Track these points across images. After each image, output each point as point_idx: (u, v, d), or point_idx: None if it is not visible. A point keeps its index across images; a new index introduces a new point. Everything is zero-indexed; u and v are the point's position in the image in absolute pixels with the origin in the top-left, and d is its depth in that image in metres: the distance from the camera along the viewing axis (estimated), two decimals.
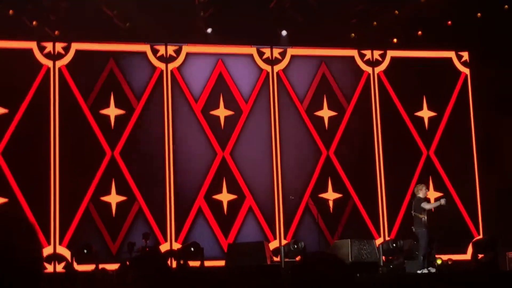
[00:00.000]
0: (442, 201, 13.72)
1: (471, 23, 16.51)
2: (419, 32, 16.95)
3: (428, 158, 16.69)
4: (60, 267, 14.46)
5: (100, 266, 13.73)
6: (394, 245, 14.50)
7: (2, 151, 14.77)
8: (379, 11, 16.64)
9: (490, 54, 16.60)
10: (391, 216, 16.31)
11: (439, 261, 14.66)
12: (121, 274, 12.91)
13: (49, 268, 14.39)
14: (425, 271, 12.99)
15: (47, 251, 14.49)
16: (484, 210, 16.54)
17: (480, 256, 15.22)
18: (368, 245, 13.99)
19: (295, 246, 14.24)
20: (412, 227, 13.71)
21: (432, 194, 16.21)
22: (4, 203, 14.49)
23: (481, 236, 16.22)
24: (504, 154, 16.38)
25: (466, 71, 17.24)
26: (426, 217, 13.43)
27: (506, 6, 16.15)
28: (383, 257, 14.29)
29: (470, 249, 15.89)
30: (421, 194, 13.79)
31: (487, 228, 16.30)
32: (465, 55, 17.28)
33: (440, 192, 16.39)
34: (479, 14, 16.38)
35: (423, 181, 15.65)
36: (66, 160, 15.08)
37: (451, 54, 17.27)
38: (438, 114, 16.95)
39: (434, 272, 13.51)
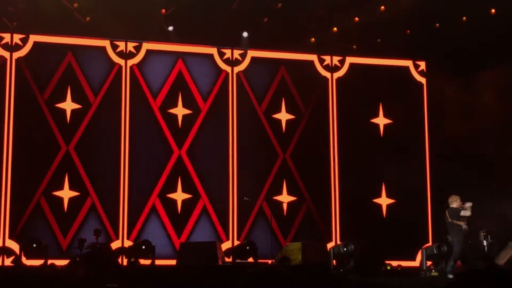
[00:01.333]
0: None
1: (429, 33, 16.59)
2: (378, 39, 17.04)
3: (382, 163, 16.71)
4: (8, 261, 14.24)
5: (50, 261, 13.65)
6: (345, 249, 14.47)
7: None
8: (339, 17, 16.51)
9: (446, 64, 16.63)
10: (343, 220, 16.33)
11: (388, 267, 14.79)
12: (71, 270, 12.68)
13: None
14: (450, 276, 13.35)
15: None
16: None
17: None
18: (320, 248, 14.12)
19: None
20: (448, 236, 13.90)
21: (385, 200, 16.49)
22: None
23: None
24: None
25: (423, 80, 17.34)
26: (466, 225, 13.73)
27: (464, 18, 16.22)
28: (334, 261, 14.28)
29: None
30: (455, 205, 13.86)
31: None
32: (422, 65, 17.40)
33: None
34: (437, 24, 16.50)
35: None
36: (19, 153, 14.99)
37: (408, 63, 17.40)
38: (395, 122, 17.00)
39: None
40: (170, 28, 16.21)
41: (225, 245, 15.21)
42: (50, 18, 15.31)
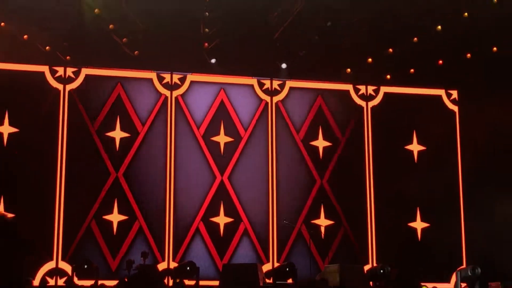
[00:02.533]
0: None
1: (461, 62, 16.57)
2: (412, 70, 16.99)
3: (416, 188, 16.70)
4: (61, 282, 14.37)
5: (100, 281, 13.58)
6: (382, 271, 14.31)
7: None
8: (374, 48, 16.58)
9: (478, 93, 16.62)
10: (379, 243, 16.34)
11: None
12: None
13: (51, 282, 14.42)
14: None
15: (50, 265, 14.61)
16: None
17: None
18: (357, 270, 13.98)
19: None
20: None
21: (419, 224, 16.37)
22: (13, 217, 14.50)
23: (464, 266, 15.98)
24: None
25: (455, 108, 17.34)
26: None
27: (495, 49, 16.16)
28: (371, 283, 14.20)
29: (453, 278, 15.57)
30: None
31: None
32: (454, 94, 17.38)
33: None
34: (468, 54, 16.44)
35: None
36: (72, 179, 15.11)
37: (441, 92, 17.37)
38: (428, 148, 16.98)
39: None
40: (213, 60, 16.16)
41: (266, 267, 15.11)
42: (101, 52, 15.50)
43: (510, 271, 15.01)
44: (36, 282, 14.05)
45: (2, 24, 14.78)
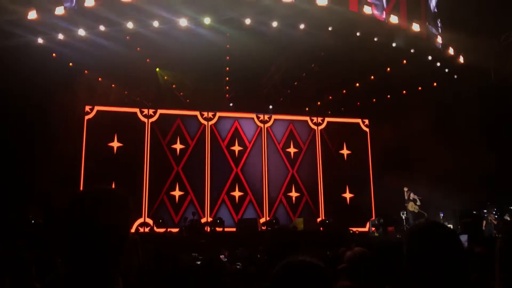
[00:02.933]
0: None
1: (370, 105, 16.52)
2: (342, 108, 17.13)
3: (345, 174, 16.66)
4: (147, 229, 14.36)
5: (169, 229, 13.82)
6: (327, 221, 14.72)
7: (119, 165, 14.75)
8: (322, 96, 16.61)
9: (379, 121, 16.58)
10: (326, 207, 16.22)
11: (351, 231, 14.53)
12: (180, 234, 13.14)
13: (141, 230, 14.31)
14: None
15: (140, 220, 14.51)
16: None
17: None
18: (313, 221, 14.09)
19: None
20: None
21: (348, 195, 16.62)
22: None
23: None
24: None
25: (367, 130, 17.34)
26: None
27: (389, 96, 16.10)
28: (321, 228, 14.19)
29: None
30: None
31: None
32: (366, 121, 17.35)
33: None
34: (374, 100, 16.41)
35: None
36: (152, 171, 15.09)
37: (358, 120, 17.34)
38: (353, 152, 16.93)
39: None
40: (231, 104, 16.45)
41: (262, 220, 15.07)
42: (168, 100, 15.62)
43: (399, 220, 14.99)
44: (132, 230, 13.93)
45: (113, 85, 15.06)
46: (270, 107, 16.76)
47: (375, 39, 13.00)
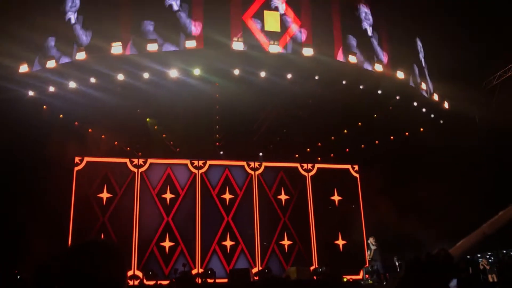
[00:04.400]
0: None
1: (359, 151, 16.79)
2: (332, 155, 17.36)
3: (335, 223, 16.51)
4: (136, 282, 14.11)
5: (159, 282, 13.57)
6: (320, 270, 14.54)
7: (108, 216, 14.70)
8: (311, 143, 16.84)
9: (368, 167, 16.71)
10: (320, 254, 16.01)
11: (344, 279, 14.48)
12: (170, 286, 12.82)
13: (130, 283, 13.95)
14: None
15: (130, 273, 14.10)
16: None
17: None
18: (305, 270, 13.90)
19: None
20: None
21: (341, 242, 16.44)
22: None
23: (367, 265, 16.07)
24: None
25: (357, 175, 17.31)
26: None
27: (377, 141, 16.33)
28: (314, 277, 14.06)
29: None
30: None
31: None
32: (356, 167, 17.33)
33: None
34: (362, 145, 16.75)
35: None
36: (142, 220, 14.83)
37: (348, 166, 17.32)
38: (344, 198, 16.85)
39: None
40: (221, 152, 16.52)
41: (254, 270, 14.85)
42: (158, 150, 15.69)
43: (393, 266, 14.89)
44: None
45: (103, 136, 15.12)
46: (260, 154, 16.78)
47: (361, 87, 13.29)
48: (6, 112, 11.38)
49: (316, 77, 12.70)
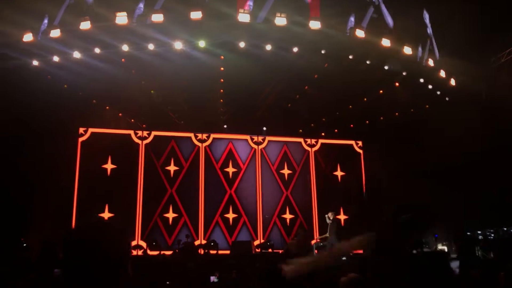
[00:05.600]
0: None
1: (363, 127, 16.61)
2: (336, 130, 17.18)
3: (338, 196, 16.51)
4: (140, 252, 14.26)
5: (162, 252, 13.73)
6: (321, 244, 14.57)
7: (113, 187, 14.65)
8: (315, 118, 16.65)
9: (372, 143, 16.65)
10: (321, 228, 15.98)
11: None
12: (173, 257, 13.02)
13: (134, 253, 14.16)
14: None
15: (133, 243, 14.39)
16: None
17: None
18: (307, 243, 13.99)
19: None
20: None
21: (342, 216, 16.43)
22: (112, 217, 14.57)
23: None
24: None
25: (360, 151, 17.37)
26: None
27: (382, 117, 16.14)
28: (316, 251, 14.16)
29: None
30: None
31: None
32: (360, 143, 17.36)
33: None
34: (367, 121, 16.56)
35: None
36: (146, 193, 15.00)
37: (352, 142, 17.36)
38: (347, 174, 16.90)
39: None
40: (225, 126, 16.39)
41: (256, 242, 15.06)
42: (163, 122, 15.51)
43: None
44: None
45: (107, 107, 15.05)
46: (264, 128, 16.72)
47: (367, 62, 13.11)
48: (11, 81, 11.32)
49: (323, 51, 12.52)
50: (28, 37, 11.08)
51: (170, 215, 15.11)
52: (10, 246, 10.99)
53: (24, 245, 11.49)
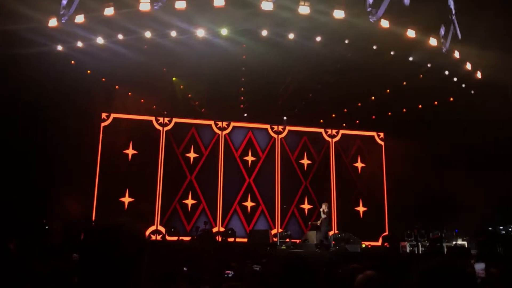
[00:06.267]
0: None
1: (385, 118, 16.39)
2: (357, 121, 16.99)
3: (360, 188, 16.47)
4: (159, 237, 14.42)
5: (180, 238, 13.89)
6: (339, 235, 14.52)
7: (133, 173, 14.85)
8: (335, 108, 16.45)
9: (393, 135, 16.39)
10: (338, 220, 16.04)
11: (363, 245, 14.45)
12: (191, 243, 13.13)
13: (153, 237, 14.40)
14: None
15: (152, 228, 14.55)
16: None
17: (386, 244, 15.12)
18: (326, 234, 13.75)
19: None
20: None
21: (362, 208, 16.28)
22: (132, 202, 14.76)
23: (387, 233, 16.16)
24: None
25: (382, 143, 17.20)
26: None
27: (405, 109, 15.86)
28: (333, 241, 14.07)
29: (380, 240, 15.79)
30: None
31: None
32: (382, 135, 17.22)
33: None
34: (389, 113, 16.32)
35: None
36: (166, 179, 15.15)
37: (373, 133, 17.21)
38: (367, 165, 16.80)
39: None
40: (245, 115, 16.33)
41: (273, 231, 15.04)
42: (183, 109, 15.55)
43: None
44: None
45: (130, 93, 15.13)
46: (285, 118, 16.72)
47: (392, 53, 12.87)
48: (36, 66, 11.47)
49: (346, 41, 12.32)
50: (52, 22, 11.18)
51: (189, 201, 15.23)
52: (33, 229, 11.21)
53: (47, 227, 11.71)
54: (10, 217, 10.65)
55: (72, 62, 12.43)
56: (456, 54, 13.54)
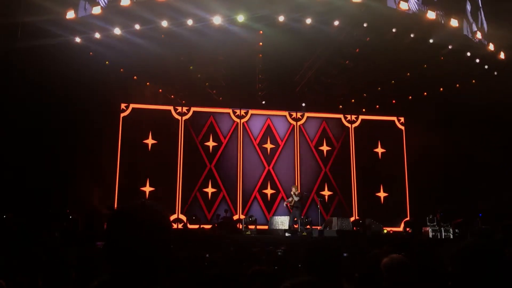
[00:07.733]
0: None
1: (406, 102, 16.15)
2: (377, 106, 16.78)
3: (380, 173, 16.24)
4: (180, 225, 14.50)
5: (201, 226, 13.96)
6: (360, 221, 14.51)
7: (152, 162, 14.88)
8: (355, 93, 16.30)
9: (415, 120, 16.15)
10: (360, 205, 16.01)
11: (385, 231, 14.42)
12: (212, 231, 13.22)
13: (174, 226, 14.48)
14: None
15: (173, 216, 14.69)
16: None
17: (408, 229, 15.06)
18: (346, 221, 13.82)
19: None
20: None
21: (382, 194, 16.16)
22: (153, 191, 14.92)
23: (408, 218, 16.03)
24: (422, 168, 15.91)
25: (402, 128, 16.91)
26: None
27: (425, 93, 15.55)
28: (354, 228, 13.99)
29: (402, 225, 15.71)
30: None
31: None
32: (402, 119, 16.92)
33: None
34: (410, 97, 16.05)
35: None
36: (186, 168, 15.21)
37: (394, 118, 16.93)
38: (387, 151, 16.62)
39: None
40: (263, 102, 16.25)
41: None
42: (202, 98, 15.56)
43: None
44: None
45: (148, 83, 15.23)
46: (303, 104, 16.54)
47: (412, 36, 12.60)
48: (55, 57, 11.58)
49: (365, 25, 12.09)
50: (70, 14, 11.23)
51: (209, 190, 15.28)
52: (56, 218, 11.42)
53: (70, 217, 11.92)
54: (40, 207, 10.88)
55: (91, 53, 12.50)
56: (479, 35, 13.21)
